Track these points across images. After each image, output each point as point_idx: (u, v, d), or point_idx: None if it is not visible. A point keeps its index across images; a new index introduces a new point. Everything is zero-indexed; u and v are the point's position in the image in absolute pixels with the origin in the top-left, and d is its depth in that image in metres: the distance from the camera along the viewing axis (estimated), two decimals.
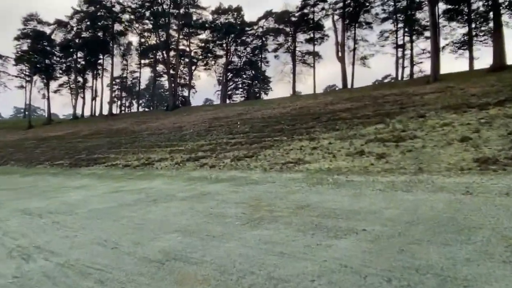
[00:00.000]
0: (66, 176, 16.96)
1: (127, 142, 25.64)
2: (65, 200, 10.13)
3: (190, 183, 11.11)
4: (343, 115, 19.05)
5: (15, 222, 7.49)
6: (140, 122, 38.47)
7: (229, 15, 60.18)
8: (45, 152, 28.04)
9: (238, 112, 30.47)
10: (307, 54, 55.25)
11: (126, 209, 8.06)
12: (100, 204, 8.95)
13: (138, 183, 12.25)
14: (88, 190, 11.80)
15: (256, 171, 11.58)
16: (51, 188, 13.28)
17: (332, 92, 34.98)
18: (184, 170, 13.87)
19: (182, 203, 8.28)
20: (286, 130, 18.51)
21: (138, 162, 17.73)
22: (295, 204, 7.04)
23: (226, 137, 20.50)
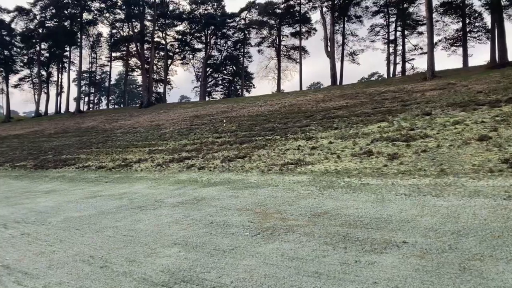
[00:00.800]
0: (31, 179, 15.88)
1: (98, 142, 24.54)
2: (33, 207, 9.25)
3: (179, 186, 10.41)
4: (340, 113, 18.71)
5: None
6: (112, 119, 37.19)
7: (208, 5, 59.21)
8: (5, 153, 26.55)
9: (221, 110, 29.79)
10: (292, 49, 55.02)
11: (108, 218, 7.32)
12: (77, 212, 8.15)
13: (117, 187, 11.45)
14: (60, 195, 10.92)
15: (253, 173, 10.99)
16: (15, 193, 12.28)
17: (322, 89, 34.73)
18: (168, 172, 13.13)
19: (174, 210, 7.60)
20: (278, 129, 18.01)
21: (113, 163, 16.83)
22: (309, 211, 6.50)
23: (212, 136, 19.83)
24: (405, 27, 42.14)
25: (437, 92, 18.60)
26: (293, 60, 55.81)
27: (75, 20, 54.77)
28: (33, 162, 20.90)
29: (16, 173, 18.25)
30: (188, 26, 61.05)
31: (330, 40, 40.31)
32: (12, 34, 63.12)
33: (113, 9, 52.56)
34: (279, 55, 53.60)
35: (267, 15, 53.04)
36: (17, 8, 58.28)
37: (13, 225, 7.23)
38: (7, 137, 36.09)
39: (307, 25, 51.58)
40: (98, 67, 72.13)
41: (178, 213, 7.27)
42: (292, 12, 51.41)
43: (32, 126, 43.30)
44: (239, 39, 59.93)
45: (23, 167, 19.78)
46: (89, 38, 61.20)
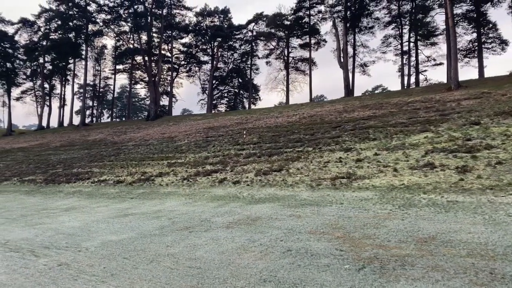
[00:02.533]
0: (44, 194, 14.70)
1: (110, 155, 23.40)
2: (57, 227, 8.08)
3: (220, 203, 9.25)
4: (371, 123, 17.66)
5: (0, 265, 5.47)
6: (120, 132, 36.11)
7: (215, 17, 58.79)
8: (10, 166, 25.37)
9: (235, 122, 28.75)
10: (300, 60, 54.31)
11: (155, 242, 6.17)
12: (113, 235, 7.00)
13: (147, 204, 10.28)
14: (83, 213, 9.74)
15: (300, 188, 9.85)
16: (30, 210, 11.10)
17: (337, 100, 33.78)
18: (199, 187, 11.98)
19: (230, 232, 6.45)
20: (306, 140, 16.93)
21: (132, 177, 15.68)
22: (409, 236, 5.36)
23: (233, 148, 18.74)
24: (418, 37, 41.47)
25: (474, 102, 17.59)
26: (301, 71, 55.10)
27: (81, 32, 54.13)
28: (43, 176, 19.72)
29: (26, 188, 17.06)
30: (194, 39, 60.51)
31: (343, 51, 39.56)
32: (15, 46, 62.55)
33: (119, 20, 51.96)
34: (288, 67, 52.88)
35: (275, 26, 52.48)
36: (22, 20, 57.79)
37: (44, 251, 6.07)
38: (11, 150, 34.94)
39: (316, 36, 50.96)
40: (102, 79, 71.22)
41: (238, 237, 6.12)
42: (301, 23, 50.86)
43: (36, 139, 42.19)
44: (246, 51, 59.33)
45: (32, 182, 18.60)
46: (94, 50, 60.58)
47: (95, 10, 51.23)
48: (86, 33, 51.76)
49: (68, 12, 53.13)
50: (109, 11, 49.69)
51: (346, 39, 39.72)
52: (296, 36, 52.83)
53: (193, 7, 53.31)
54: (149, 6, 46.42)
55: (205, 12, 58.05)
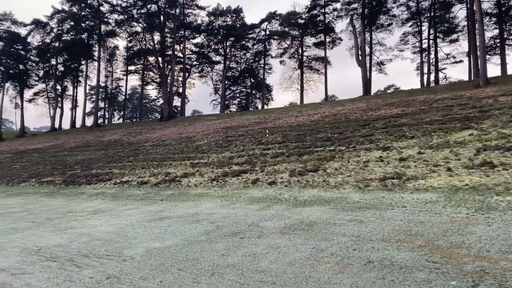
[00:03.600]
0: (66, 196, 14.14)
1: (128, 155, 22.87)
2: (90, 232, 7.47)
3: (262, 206, 8.56)
4: (403, 121, 16.86)
5: (39, 278, 4.84)
6: (134, 133, 35.65)
7: (227, 17, 58.23)
8: (27, 168, 24.99)
9: (254, 121, 28.09)
10: (314, 59, 53.48)
11: (207, 250, 5.50)
12: (156, 241, 6.34)
13: (180, 206, 9.63)
14: (113, 217, 9.12)
15: (346, 189, 9.13)
16: (56, 213, 10.52)
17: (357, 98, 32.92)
18: (231, 188, 11.30)
19: (289, 239, 5.76)
20: (336, 139, 16.19)
21: (156, 178, 15.07)
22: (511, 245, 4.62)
23: (257, 147, 18.06)
24: (437, 34, 40.42)
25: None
26: (315, 70, 54.27)
27: (93, 33, 53.94)
28: (61, 177, 19.22)
29: (46, 190, 16.55)
30: (206, 39, 60.03)
31: (361, 48, 38.68)
32: (27, 48, 62.70)
33: (131, 21, 51.62)
34: (302, 66, 52.10)
35: (289, 25, 51.76)
36: (34, 21, 57.83)
37: (84, 261, 5.43)
38: (25, 152, 34.67)
39: (330, 34, 50.12)
40: (114, 80, 71.03)
41: (300, 244, 5.43)
42: (315, 22, 50.05)
43: (49, 140, 41.95)
44: (259, 50, 58.68)
45: (51, 183, 18.10)
46: (106, 51, 60.36)
47: (108, 10, 51.10)
48: (99, 34, 51.52)
49: (81, 13, 52.96)
50: (121, 11, 49.47)
51: (364, 36, 38.84)
52: (310, 34, 52.04)
53: (206, 6, 52.76)
54: (162, 6, 46.00)
55: (218, 11, 57.54)
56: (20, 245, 6.69)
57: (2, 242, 7.01)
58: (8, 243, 6.97)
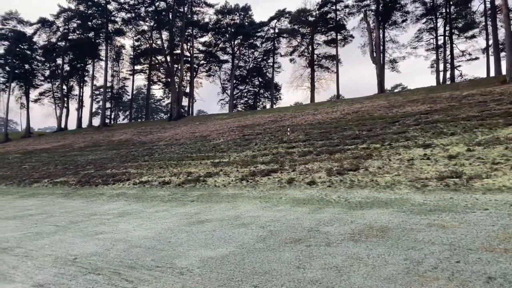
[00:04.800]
0: (84, 197, 13.36)
1: (142, 155, 22.10)
2: (125, 238, 6.68)
3: (311, 208, 7.74)
4: (436, 117, 16.00)
5: None
6: (144, 132, 34.91)
7: (235, 15, 57.40)
8: (37, 168, 24.26)
9: (269, 120, 27.29)
10: (324, 57, 52.60)
11: (274, 261, 4.71)
12: (206, 248, 5.55)
13: (216, 208, 8.82)
14: (144, 220, 8.33)
15: (401, 189, 8.30)
16: (78, 215, 9.74)
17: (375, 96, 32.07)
18: (266, 189, 10.49)
19: (366, 248, 4.95)
20: (365, 137, 15.37)
21: (177, 178, 14.28)
22: None
23: (279, 146, 17.25)
24: (453, 31, 39.45)
25: None
26: (325, 68, 53.36)
27: (100, 32, 53.26)
28: (75, 177, 18.47)
29: (61, 191, 15.79)
30: (214, 37, 59.29)
31: (376, 45, 37.80)
32: (33, 47, 62.10)
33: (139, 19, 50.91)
34: (312, 64, 51.23)
35: (299, 23, 50.91)
36: (40, 20, 57.23)
37: (133, 273, 4.64)
38: (34, 152, 33.99)
39: (342, 32, 49.21)
40: (120, 80, 70.38)
41: (386, 255, 4.61)
42: (326, 19, 49.18)
43: (57, 140, 41.29)
44: (268, 49, 57.83)
45: (65, 184, 17.34)
46: (112, 50, 59.66)
47: (115, 8, 50.37)
48: (106, 32, 50.80)
49: (88, 11, 52.28)
50: (129, 9, 48.75)
51: (378, 33, 37.96)
52: (321, 32, 51.18)
53: (214, 4, 51.97)
54: (171, 3, 45.24)
55: (225, 9, 56.73)
56: (51, 253, 5.90)
57: (30, 250, 6.22)
58: (37, 250, 6.18)
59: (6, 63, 60.86)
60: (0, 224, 9.32)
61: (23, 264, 5.35)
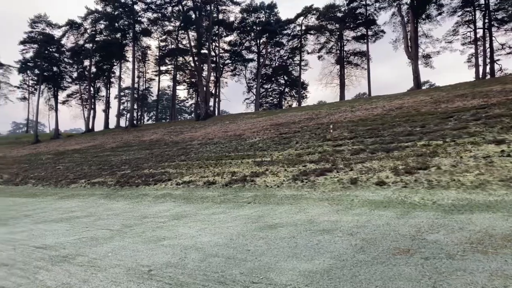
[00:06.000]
0: (128, 199, 12.81)
1: (177, 154, 21.56)
2: (194, 244, 5.97)
3: (396, 212, 6.85)
4: (497, 111, 14.77)
5: None
6: (174, 132, 34.49)
7: (261, 13, 56.58)
8: (71, 168, 24.08)
9: (304, 117, 26.37)
10: (353, 54, 51.19)
11: (395, 278, 3.89)
12: (299, 259, 4.77)
13: (280, 211, 8.03)
14: (204, 223, 7.62)
15: (495, 190, 7.31)
16: (128, 218, 9.13)
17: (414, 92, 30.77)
18: (327, 190, 9.63)
19: (507, 262, 4.05)
20: (420, 133, 14.31)
21: (222, 178, 13.58)
22: None
23: (324, 144, 16.36)
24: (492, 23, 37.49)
25: None
26: (354, 65, 51.95)
27: (127, 32, 53.36)
28: (112, 178, 18.05)
29: (101, 191, 15.33)
30: (239, 36, 58.71)
31: (411, 39, 36.31)
32: (61, 50, 62.84)
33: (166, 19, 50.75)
34: (341, 61, 49.93)
35: (327, 19, 49.72)
36: (69, 22, 57.81)
37: None
38: (65, 152, 34.07)
39: (372, 27, 47.74)
40: (146, 81, 70.67)
41: None
42: (356, 14, 47.83)
43: (87, 141, 41.43)
44: (295, 46, 56.79)
45: (103, 184, 16.92)
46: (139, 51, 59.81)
47: (142, 9, 50.32)
48: (133, 33, 50.82)
49: (115, 12, 52.41)
50: (156, 10, 48.62)
51: (414, 27, 36.41)
52: (350, 28, 49.82)
53: (240, 2, 51.28)
54: (198, 2, 44.82)
55: (251, 8, 55.99)
56: (119, 263, 5.22)
57: (94, 259, 5.57)
58: (101, 259, 5.52)
59: (35, 66, 61.82)
60: (49, 227, 8.80)
61: (93, 278, 4.68)
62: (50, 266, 5.28)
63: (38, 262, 5.52)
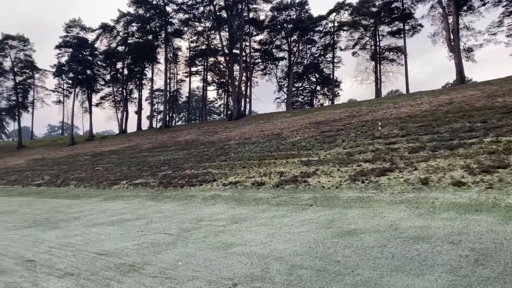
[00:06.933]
0: (175, 200, 12.41)
1: (217, 154, 21.14)
2: (268, 253, 5.36)
3: (497, 218, 6.01)
4: None
5: None
6: (209, 132, 34.23)
7: (291, 10, 55.78)
8: (110, 169, 24.12)
9: (345, 115, 25.44)
10: (388, 50, 49.55)
11: None
12: (408, 274, 4.06)
13: (352, 214, 7.32)
14: (268, 227, 7.01)
15: None
16: (182, 221, 8.65)
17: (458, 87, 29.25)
18: (395, 191, 8.83)
19: None
20: (483, 129, 13.26)
21: (270, 178, 12.98)
22: None
23: (375, 142, 15.50)
24: None
25: None
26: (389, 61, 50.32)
27: (158, 34, 53.74)
28: (153, 178, 17.80)
29: (145, 193, 15.04)
30: (269, 35, 58.15)
31: (453, 32, 34.60)
32: (94, 53, 64.00)
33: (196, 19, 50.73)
34: (376, 57, 48.45)
35: (361, 14, 48.34)
36: (102, 25, 58.82)
37: None
38: (102, 154, 34.44)
39: (408, 21, 46.04)
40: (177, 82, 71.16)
41: None
42: (391, 9, 46.27)
43: (122, 142, 41.86)
44: (327, 43, 55.64)
45: (146, 185, 16.66)
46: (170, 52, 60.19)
47: (173, 10, 50.48)
48: (165, 33, 51.08)
49: (146, 14, 52.85)
50: (187, 10, 48.65)
51: (456, 19, 34.70)
52: (385, 23, 48.26)
53: None
54: (230, 1, 44.48)
55: (281, 5, 55.26)
56: (196, 275, 4.67)
57: (165, 269, 5.04)
58: (173, 269, 4.99)
59: (70, 69, 63.24)
60: (102, 230, 8.43)
61: None
62: (119, 277, 4.80)
63: (105, 271, 5.06)
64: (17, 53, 65.47)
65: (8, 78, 65.96)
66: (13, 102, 66.30)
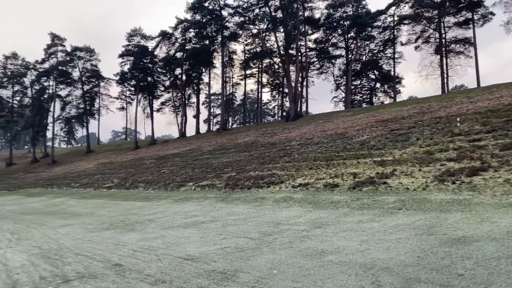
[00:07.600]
0: (245, 202, 12.14)
1: (279, 156, 20.74)
2: (371, 262, 4.80)
3: None
4: None
5: None
6: (267, 133, 33.98)
7: (348, 7, 54.21)
8: (175, 172, 24.59)
9: (414, 112, 23.96)
10: (454, 42, 46.39)
11: None
12: None
13: (449, 220, 6.51)
14: (358, 233, 6.42)
15: None
16: (259, 224, 8.28)
17: None
18: (500, 193, 7.83)
19: None
20: None
21: (342, 180, 12.31)
22: None
23: (455, 139, 14.25)
24: None
25: None
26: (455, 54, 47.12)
27: (215, 39, 54.57)
28: (219, 180, 17.75)
29: (213, 194, 14.97)
30: (324, 33, 56.95)
31: None
32: (154, 60, 66.41)
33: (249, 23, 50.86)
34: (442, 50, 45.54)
35: (423, 6, 45.74)
36: (161, 33, 60.82)
37: None
38: (166, 157, 35.43)
39: (477, 10, 42.81)
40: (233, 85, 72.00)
41: None
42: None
43: (183, 145, 42.88)
44: (387, 38, 53.36)
45: (212, 187, 16.64)
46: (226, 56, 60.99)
47: (229, 13, 51.05)
48: (222, 37, 51.78)
49: (203, 20, 53.90)
50: (243, 13, 48.93)
51: None
52: (450, 14, 45.26)
53: None
54: (285, 0, 44.05)
55: (337, 2, 53.89)
56: (300, 286, 4.22)
57: (260, 277, 4.64)
58: (269, 278, 4.57)
59: (132, 77, 66.20)
60: (180, 233, 8.29)
61: None
62: (214, 285, 4.47)
63: (197, 279, 4.77)
64: (85, 63, 69.77)
65: (77, 87, 70.41)
66: (82, 110, 70.51)
